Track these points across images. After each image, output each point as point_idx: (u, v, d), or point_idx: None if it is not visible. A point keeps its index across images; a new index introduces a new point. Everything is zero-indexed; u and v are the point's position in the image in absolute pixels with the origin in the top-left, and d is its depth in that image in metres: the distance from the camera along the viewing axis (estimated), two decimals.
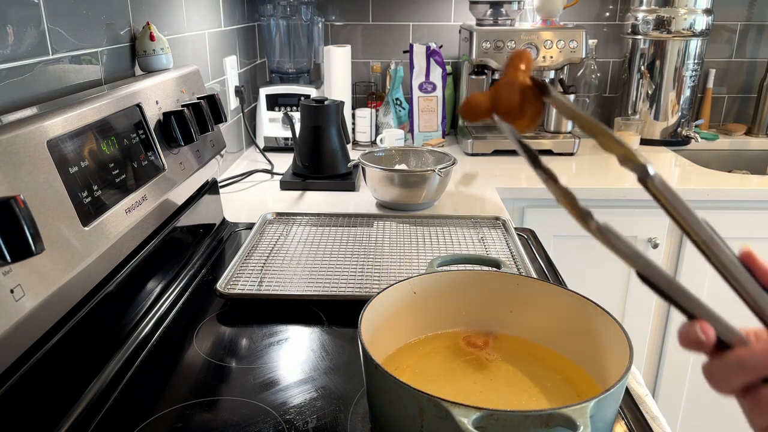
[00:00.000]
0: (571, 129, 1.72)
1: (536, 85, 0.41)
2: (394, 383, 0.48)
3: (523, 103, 0.41)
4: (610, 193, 1.40)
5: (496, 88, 0.43)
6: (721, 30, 1.90)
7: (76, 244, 0.58)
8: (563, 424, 0.43)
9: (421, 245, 0.98)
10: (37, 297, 0.51)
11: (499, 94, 0.42)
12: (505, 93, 0.42)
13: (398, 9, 1.87)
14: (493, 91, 0.43)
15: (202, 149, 0.96)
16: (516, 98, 0.41)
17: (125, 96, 0.76)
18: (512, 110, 0.42)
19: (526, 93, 0.41)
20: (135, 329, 0.75)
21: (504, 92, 0.42)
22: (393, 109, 1.77)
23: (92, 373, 0.65)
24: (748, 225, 1.43)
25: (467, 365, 0.62)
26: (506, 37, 1.60)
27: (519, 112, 0.42)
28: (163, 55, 0.95)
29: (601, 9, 1.88)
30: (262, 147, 1.66)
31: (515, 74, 0.42)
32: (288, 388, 0.64)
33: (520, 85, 0.41)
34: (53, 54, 0.74)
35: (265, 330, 0.76)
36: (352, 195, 1.31)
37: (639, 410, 0.62)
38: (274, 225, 1.06)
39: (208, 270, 0.94)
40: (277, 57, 1.71)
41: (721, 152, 1.84)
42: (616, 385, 0.47)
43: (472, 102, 0.44)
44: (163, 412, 0.60)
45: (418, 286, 0.65)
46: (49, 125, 0.58)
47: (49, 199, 0.55)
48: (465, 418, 0.43)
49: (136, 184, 0.73)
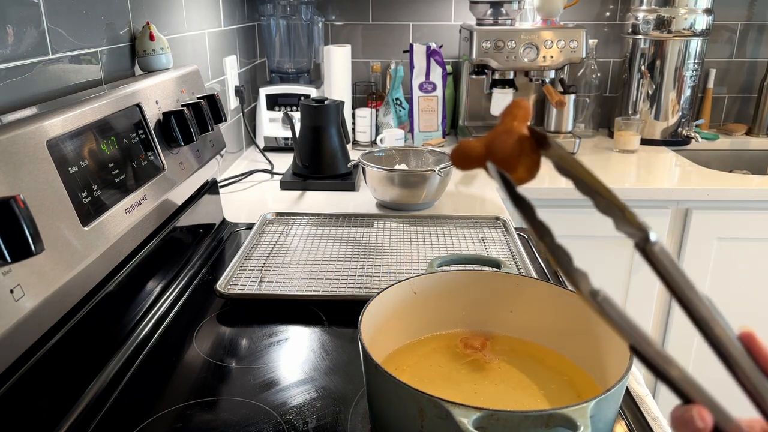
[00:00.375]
0: (571, 129, 1.72)
1: (534, 137, 0.39)
2: (394, 383, 0.48)
3: (519, 154, 0.39)
4: None
5: (492, 136, 0.41)
6: (722, 30, 1.90)
7: (75, 244, 0.58)
8: (563, 424, 0.43)
9: (421, 245, 0.98)
10: (37, 297, 0.51)
11: (495, 142, 0.40)
12: (502, 142, 0.40)
13: (398, 9, 1.87)
14: (488, 139, 0.41)
15: (202, 149, 0.96)
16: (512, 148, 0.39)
17: (125, 96, 0.76)
18: (508, 160, 0.40)
19: (523, 144, 0.39)
20: (135, 329, 0.75)
21: (501, 141, 0.40)
22: (393, 109, 1.77)
23: (92, 373, 0.65)
24: (748, 225, 1.43)
25: (468, 365, 0.62)
26: (506, 37, 1.59)
27: (515, 163, 0.40)
28: (162, 54, 0.95)
29: (602, 9, 1.87)
30: (262, 147, 1.66)
31: (513, 123, 0.40)
32: (288, 389, 0.64)
33: (518, 135, 0.39)
34: (53, 54, 0.74)
35: (265, 330, 0.76)
36: (352, 195, 1.31)
37: (639, 410, 0.62)
38: (274, 225, 1.06)
39: (208, 270, 0.94)
40: (277, 57, 1.71)
41: (722, 152, 1.84)
42: (616, 385, 0.47)
43: (464, 148, 0.41)
44: (163, 412, 0.60)
45: (418, 287, 0.65)
46: (49, 125, 0.58)
47: (48, 199, 0.55)
48: (465, 419, 0.43)
49: (135, 184, 0.73)
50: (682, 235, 1.46)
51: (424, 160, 1.29)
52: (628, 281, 1.49)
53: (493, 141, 0.40)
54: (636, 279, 1.48)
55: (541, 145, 0.39)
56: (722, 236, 1.44)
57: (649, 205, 1.42)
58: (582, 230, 1.43)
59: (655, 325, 1.54)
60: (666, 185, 1.42)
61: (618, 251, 1.46)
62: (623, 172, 1.53)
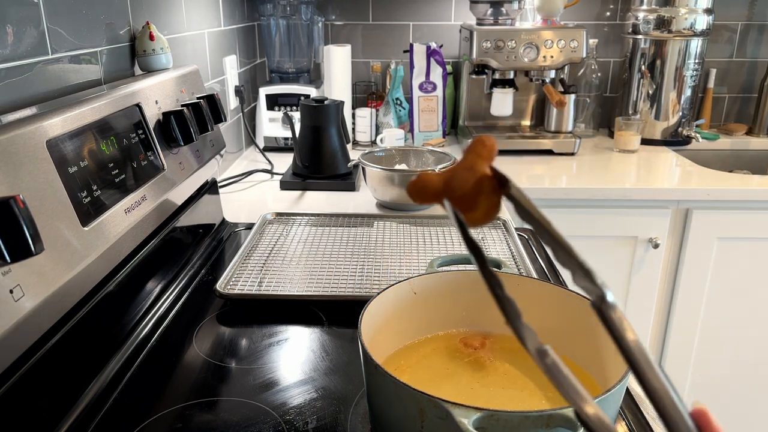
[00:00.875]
0: (572, 129, 1.72)
1: (496, 177, 0.36)
2: (395, 384, 0.48)
3: (478, 194, 0.36)
4: (611, 193, 1.40)
5: (452, 172, 0.38)
6: (722, 30, 1.90)
7: (75, 244, 0.58)
8: (564, 424, 0.43)
9: (421, 245, 0.98)
10: (37, 297, 0.51)
11: (454, 179, 0.37)
12: (462, 179, 0.37)
13: (398, 8, 1.87)
14: (447, 174, 0.38)
15: (202, 149, 0.96)
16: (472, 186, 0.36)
17: (125, 96, 0.75)
18: (466, 199, 0.37)
19: (483, 183, 0.36)
20: (135, 329, 0.75)
21: (460, 178, 0.37)
22: (393, 109, 1.77)
23: (92, 373, 0.65)
24: (749, 225, 1.43)
25: (468, 366, 0.62)
26: (507, 37, 1.59)
27: (473, 203, 0.37)
28: (162, 54, 0.95)
29: (602, 8, 1.87)
30: (262, 147, 1.66)
31: (475, 161, 0.37)
32: (288, 389, 0.64)
33: (479, 174, 0.36)
34: (53, 54, 0.74)
35: (265, 330, 0.76)
36: (352, 195, 1.31)
37: (640, 410, 0.62)
38: (274, 225, 1.06)
39: (207, 270, 0.94)
40: (277, 57, 1.71)
41: (722, 152, 1.84)
42: (616, 385, 0.47)
43: (423, 181, 0.39)
44: (163, 413, 0.60)
45: (418, 287, 0.65)
46: (49, 125, 0.58)
47: (48, 199, 0.55)
48: (465, 419, 0.43)
49: (135, 184, 0.73)
50: (682, 235, 1.45)
51: (424, 160, 1.29)
52: (628, 281, 1.49)
53: (452, 178, 0.37)
54: (636, 279, 1.48)
55: (502, 186, 0.36)
56: (723, 236, 1.44)
57: (650, 205, 1.42)
58: (582, 230, 1.43)
59: (655, 325, 1.54)
60: (666, 185, 1.42)
61: (618, 251, 1.46)
62: (623, 172, 1.53)
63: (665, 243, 1.45)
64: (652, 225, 1.43)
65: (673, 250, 1.47)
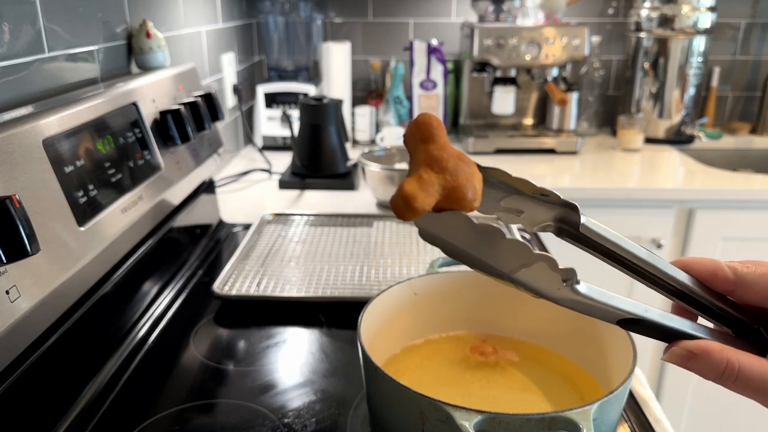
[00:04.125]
0: (574, 127, 1.72)
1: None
2: (395, 386, 0.47)
3: (470, 175, 0.37)
4: (614, 193, 1.39)
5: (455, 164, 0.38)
6: (725, 27, 1.88)
7: (71, 245, 0.57)
8: (566, 427, 0.42)
9: (422, 245, 0.97)
10: (33, 298, 0.51)
11: (455, 177, 0.37)
12: (463, 173, 0.38)
13: (398, 6, 1.86)
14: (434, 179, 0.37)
15: (199, 148, 0.96)
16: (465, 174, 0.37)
17: (121, 94, 0.75)
18: (460, 187, 0.37)
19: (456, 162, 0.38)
20: (131, 331, 0.74)
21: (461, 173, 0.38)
22: (393, 107, 1.76)
23: (88, 375, 0.64)
24: (753, 225, 1.42)
25: (468, 367, 0.61)
26: (508, 34, 1.58)
27: (468, 185, 0.37)
28: (159, 52, 0.94)
29: (605, 6, 1.86)
30: (260, 146, 1.65)
31: (437, 152, 0.38)
32: (286, 391, 0.63)
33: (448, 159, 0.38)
34: (49, 52, 0.74)
35: (263, 332, 0.75)
36: (351, 195, 1.30)
37: (643, 413, 0.62)
38: (273, 225, 1.05)
39: (205, 271, 0.93)
40: (276, 54, 1.70)
41: (726, 151, 1.83)
42: (619, 387, 0.46)
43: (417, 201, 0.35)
44: (160, 415, 0.60)
45: (418, 287, 0.64)
46: (45, 124, 0.58)
47: (44, 199, 0.54)
48: (467, 422, 0.42)
49: (132, 184, 0.72)
50: (686, 235, 1.44)
51: None
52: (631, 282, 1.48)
53: (452, 178, 0.37)
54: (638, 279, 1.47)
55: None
56: (727, 236, 1.43)
57: (653, 205, 1.41)
58: None
59: None
60: (670, 185, 1.42)
61: None
62: (627, 171, 1.52)
63: (669, 243, 1.44)
64: (656, 225, 1.42)
65: (676, 250, 1.46)
